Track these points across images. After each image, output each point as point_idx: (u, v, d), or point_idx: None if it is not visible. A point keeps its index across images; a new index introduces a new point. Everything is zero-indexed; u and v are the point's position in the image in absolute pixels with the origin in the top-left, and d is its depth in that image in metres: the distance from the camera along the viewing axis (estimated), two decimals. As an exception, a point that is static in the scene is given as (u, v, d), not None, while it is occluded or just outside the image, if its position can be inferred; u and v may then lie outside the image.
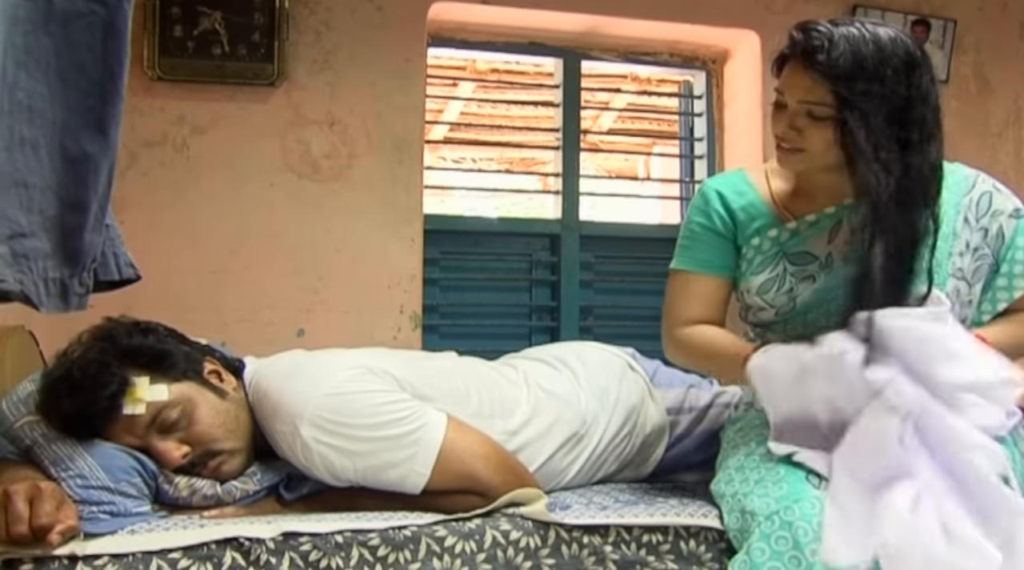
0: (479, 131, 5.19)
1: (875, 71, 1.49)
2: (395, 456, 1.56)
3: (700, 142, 3.66)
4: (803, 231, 1.67)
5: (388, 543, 1.45)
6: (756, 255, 1.69)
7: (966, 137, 3.55)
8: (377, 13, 3.08)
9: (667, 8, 3.35)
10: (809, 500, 1.38)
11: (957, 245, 1.63)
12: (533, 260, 3.36)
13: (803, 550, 1.33)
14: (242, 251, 2.94)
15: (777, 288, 1.66)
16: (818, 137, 1.56)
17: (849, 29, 1.53)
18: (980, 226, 1.65)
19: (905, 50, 1.53)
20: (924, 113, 1.54)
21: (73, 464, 1.46)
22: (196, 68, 2.90)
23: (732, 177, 1.78)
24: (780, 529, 1.36)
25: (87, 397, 1.51)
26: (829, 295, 1.63)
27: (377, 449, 1.55)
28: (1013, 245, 1.65)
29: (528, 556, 1.49)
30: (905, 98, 1.51)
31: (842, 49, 1.50)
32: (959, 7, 3.59)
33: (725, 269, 1.73)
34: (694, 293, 1.74)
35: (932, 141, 1.55)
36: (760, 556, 1.36)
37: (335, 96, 3.04)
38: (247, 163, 2.97)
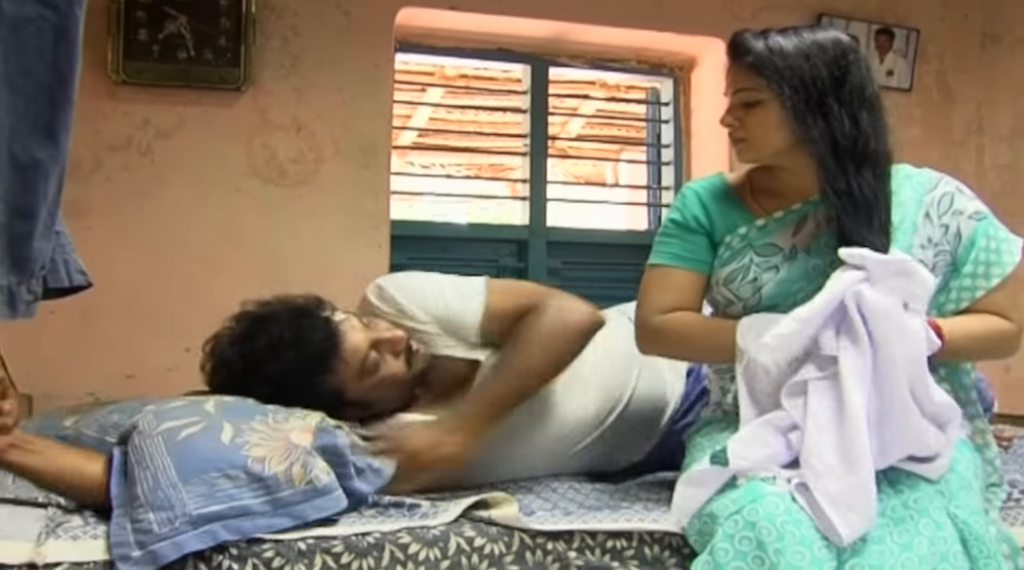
0: (448, 137, 5.19)
1: (797, 53, 1.61)
2: (450, 286, 1.87)
3: (667, 148, 3.68)
4: (770, 225, 1.70)
5: (351, 550, 1.44)
6: (726, 250, 1.73)
7: (929, 145, 3.60)
8: (344, 18, 3.08)
9: (634, 15, 3.38)
10: (770, 498, 1.39)
11: (917, 238, 1.67)
12: (500, 266, 3.37)
13: (767, 549, 1.34)
14: (208, 256, 2.92)
15: (742, 277, 1.69)
16: (752, 122, 1.65)
17: (776, 32, 1.65)
18: (941, 223, 1.69)
19: (829, 37, 1.64)
20: (857, 87, 1.62)
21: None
22: (161, 72, 2.89)
23: (711, 179, 1.83)
24: (743, 529, 1.37)
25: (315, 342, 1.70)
26: (793, 286, 1.65)
27: (434, 280, 1.89)
28: (975, 247, 1.68)
29: (492, 562, 1.48)
30: (835, 77, 1.61)
31: (766, 43, 1.63)
32: (922, 17, 3.64)
33: (700, 264, 1.76)
34: (669, 285, 1.76)
35: (873, 122, 1.63)
36: (724, 556, 1.37)
37: (302, 101, 3.03)
38: (213, 168, 2.95)
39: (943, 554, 1.37)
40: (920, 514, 1.42)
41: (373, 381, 1.76)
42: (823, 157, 1.60)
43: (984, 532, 1.43)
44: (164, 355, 2.84)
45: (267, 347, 1.71)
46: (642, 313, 1.78)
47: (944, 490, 1.47)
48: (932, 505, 1.44)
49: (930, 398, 1.49)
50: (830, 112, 1.60)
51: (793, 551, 1.33)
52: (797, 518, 1.37)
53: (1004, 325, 1.69)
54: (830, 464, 1.40)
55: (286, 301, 1.82)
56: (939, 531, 1.40)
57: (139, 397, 2.39)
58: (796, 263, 1.66)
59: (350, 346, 1.73)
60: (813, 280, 1.63)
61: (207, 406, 1.59)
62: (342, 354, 1.72)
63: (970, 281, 1.68)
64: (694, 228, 1.76)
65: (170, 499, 1.39)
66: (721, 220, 1.75)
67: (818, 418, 1.45)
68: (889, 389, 1.45)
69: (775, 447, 1.47)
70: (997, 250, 1.68)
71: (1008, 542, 1.52)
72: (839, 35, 1.67)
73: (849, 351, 1.46)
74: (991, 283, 1.67)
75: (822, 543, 1.35)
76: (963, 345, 1.61)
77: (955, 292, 1.69)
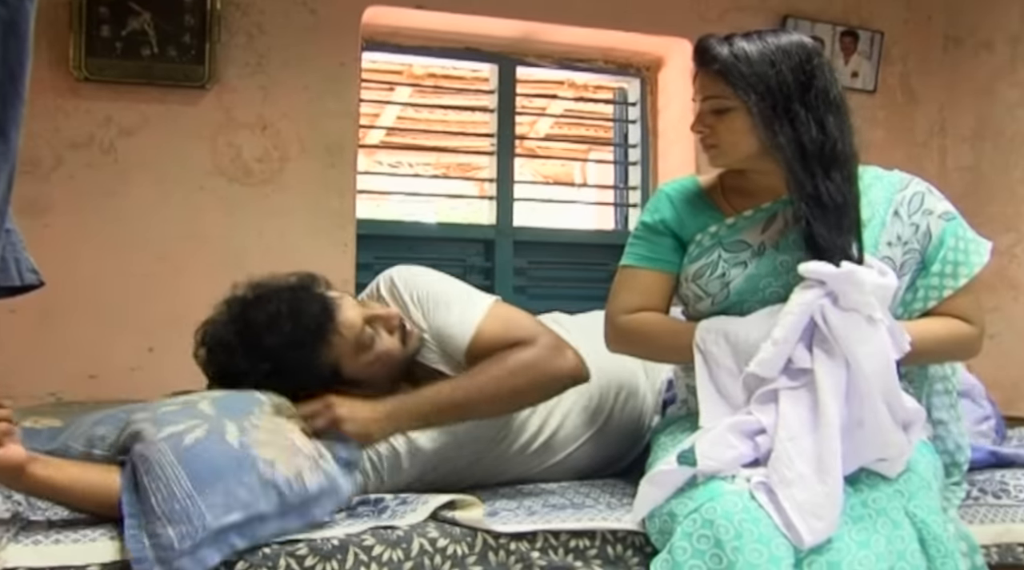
0: (416, 136, 5.17)
1: (763, 59, 1.62)
2: (456, 300, 1.85)
3: (634, 148, 3.69)
4: (740, 223, 1.72)
5: (316, 553, 1.44)
6: (696, 248, 1.75)
7: (893, 146, 3.63)
8: (311, 16, 3.06)
9: (602, 16, 3.38)
10: (728, 497, 1.40)
11: (885, 235, 1.69)
12: (467, 265, 3.36)
13: (724, 548, 1.35)
14: (171, 255, 2.89)
15: (710, 273, 1.70)
16: (722, 129, 1.67)
17: (740, 37, 1.66)
18: (911, 222, 1.71)
19: (794, 42, 1.66)
20: (822, 91, 1.63)
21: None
22: (124, 69, 2.85)
23: (684, 181, 1.85)
24: (701, 527, 1.38)
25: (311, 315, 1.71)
26: (761, 282, 1.67)
27: (444, 289, 1.88)
28: (943, 246, 1.70)
29: (455, 563, 1.49)
30: (801, 82, 1.62)
31: (731, 49, 1.64)
32: (886, 20, 3.68)
33: (668, 265, 1.78)
34: (637, 285, 1.79)
35: (840, 125, 1.64)
36: (682, 555, 1.38)
37: (267, 99, 3.01)
38: (177, 166, 2.93)
39: (900, 552, 1.39)
40: (879, 513, 1.44)
41: (369, 357, 1.76)
42: (790, 162, 1.61)
43: (942, 531, 1.45)
44: (127, 355, 2.82)
45: (265, 321, 1.71)
46: (609, 312, 1.81)
47: (903, 490, 1.49)
48: (891, 504, 1.46)
49: (903, 406, 1.51)
50: (796, 117, 1.61)
51: (751, 549, 1.34)
52: (755, 516, 1.38)
53: (966, 329, 1.71)
54: (801, 473, 1.41)
55: (279, 279, 1.83)
56: (897, 530, 1.42)
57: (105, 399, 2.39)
58: (764, 259, 1.68)
59: (346, 319, 1.74)
60: (780, 276, 1.65)
61: (202, 406, 1.57)
62: (338, 327, 1.73)
63: (938, 280, 1.71)
64: (662, 230, 1.78)
65: (188, 512, 1.36)
66: (692, 221, 1.77)
67: (791, 425, 1.46)
68: (859, 402, 1.47)
69: (741, 449, 1.48)
70: (965, 250, 1.71)
71: (966, 540, 1.55)
72: (803, 39, 1.68)
73: (824, 363, 1.49)
74: (959, 283, 1.69)
75: (780, 541, 1.36)
76: (926, 348, 1.64)
77: (923, 291, 1.72)
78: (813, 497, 1.39)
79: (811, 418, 1.46)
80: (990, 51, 3.54)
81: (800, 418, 1.47)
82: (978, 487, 1.85)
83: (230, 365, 1.72)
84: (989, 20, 3.55)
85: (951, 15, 3.74)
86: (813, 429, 1.45)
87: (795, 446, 1.44)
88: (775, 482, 1.41)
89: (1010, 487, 1.86)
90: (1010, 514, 1.81)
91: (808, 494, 1.39)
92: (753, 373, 1.52)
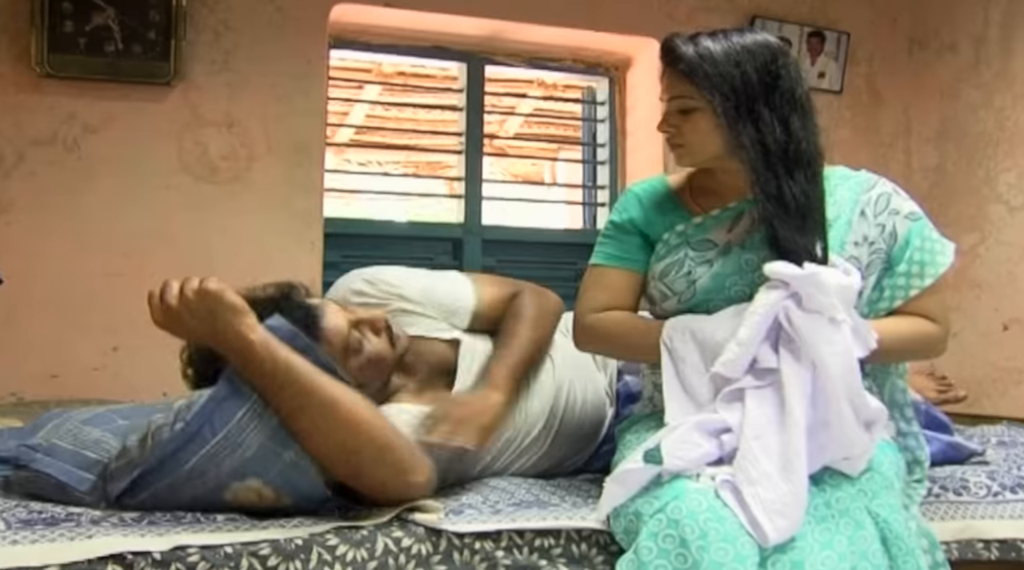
0: (385, 134, 5.16)
1: (728, 59, 1.62)
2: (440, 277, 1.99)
3: (603, 148, 3.70)
4: (707, 223, 1.73)
5: (279, 553, 1.43)
6: (663, 247, 1.76)
7: (859, 146, 3.67)
8: (277, 14, 3.04)
9: (570, 15, 3.39)
10: (692, 496, 1.41)
11: (852, 235, 1.70)
12: (435, 264, 3.35)
13: (689, 547, 1.35)
14: (135, 254, 2.87)
15: (676, 271, 1.71)
16: (689, 128, 1.67)
17: (706, 36, 1.66)
18: (878, 222, 1.72)
19: (759, 41, 1.66)
20: (787, 91, 1.64)
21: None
22: (88, 65, 2.82)
23: (653, 181, 1.86)
24: (667, 527, 1.38)
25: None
26: (727, 280, 1.68)
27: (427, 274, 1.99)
28: (909, 246, 1.72)
29: (420, 563, 1.48)
30: (766, 82, 1.62)
31: (698, 47, 1.64)
32: (852, 21, 3.71)
33: (636, 264, 1.79)
34: (604, 284, 1.80)
35: (804, 124, 1.65)
36: (647, 554, 1.38)
37: (234, 97, 2.99)
38: (142, 164, 2.90)
39: (863, 552, 1.40)
40: (841, 514, 1.45)
41: (360, 361, 1.73)
42: (753, 163, 1.61)
43: (903, 530, 1.46)
44: (90, 354, 2.79)
45: None
46: (577, 311, 1.82)
47: (866, 489, 1.50)
48: (854, 504, 1.47)
49: (867, 405, 1.52)
50: (760, 118, 1.61)
51: (717, 548, 1.34)
52: (720, 515, 1.38)
53: (931, 328, 1.73)
54: (766, 472, 1.42)
55: (258, 289, 1.77)
56: (859, 530, 1.43)
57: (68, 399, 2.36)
58: (730, 257, 1.69)
59: (331, 325, 1.71)
60: (746, 274, 1.66)
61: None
62: (325, 335, 1.70)
63: (904, 280, 1.72)
64: (630, 229, 1.79)
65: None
66: (659, 221, 1.77)
67: (757, 424, 1.47)
68: (824, 402, 1.48)
69: (706, 447, 1.49)
70: (931, 251, 1.73)
71: (927, 537, 1.56)
72: (769, 38, 1.68)
73: (789, 363, 1.49)
74: (924, 283, 1.71)
75: (745, 540, 1.36)
76: (892, 347, 1.65)
77: (888, 291, 1.73)
78: (778, 496, 1.39)
79: (777, 417, 1.47)
80: (954, 53, 3.58)
81: (766, 417, 1.47)
82: (939, 484, 1.87)
83: (214, 378, 1.64)
84: (953, 23, 3.59)
85: (916, 17, 3.78)
86: (779, 429, 1.46)
87: (760, 445, 1.45)
88: (740, 481, 1.42)
89: (970, 484, 1.88)
90: (970, 511, 1.83)
91: (773, 493, 1.39)
92: (718, 373, 1.53)
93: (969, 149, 3.47)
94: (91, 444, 1.61)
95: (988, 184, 3.37)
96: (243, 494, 1.54)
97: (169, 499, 1.55)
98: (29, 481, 1.61)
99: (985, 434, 2.51)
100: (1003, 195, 3.30)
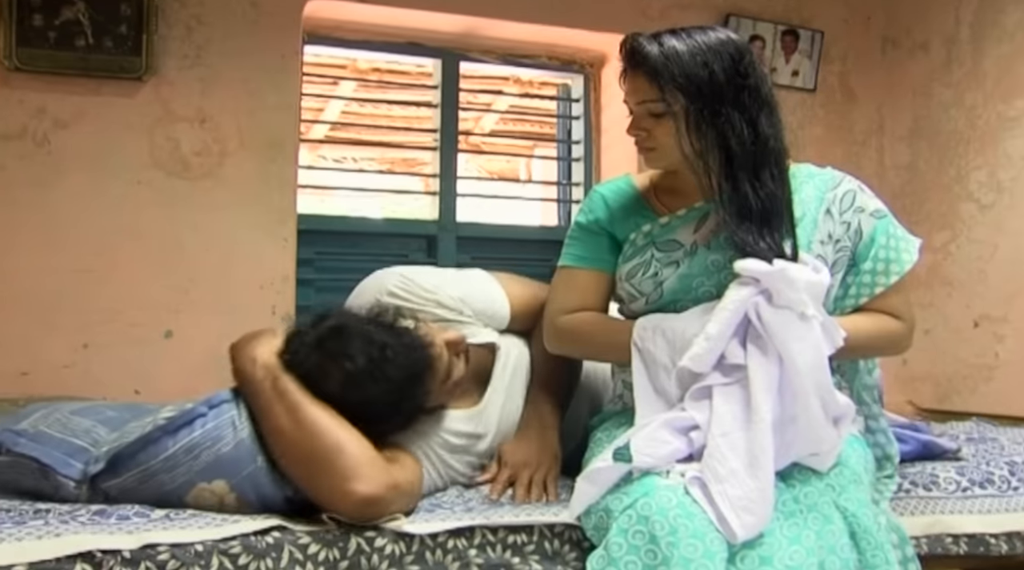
0: (360, 131, 5.14)
1: (695, 60, 1.60)
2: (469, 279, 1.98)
3: (577, 145, 3.70)
4: (673, 223, 1.73)
5: (250, 551, 1.42)
6: (630, 247, 1.76)
7: (832, 144, 3.69)
8: (251, 9, 3.02)
9: (545, 11, 3.38)
10: (662, 493, 1.41)
11: (818, 234, 1.71)
12: (410, 261, 3.33)
13: (659, 543, 1.36)
14: (107, 250, 2.84)
15: (643, 273, 1.72)
16: (660, 132, 1.66)
17: (670, 36, 1.65)
18: (843, 220, 1.73)
19: (723, 39, 1.65)
20: (755, 90, 1.63)
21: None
22: (58, 59, 2.79)
23: (618, 182, 1.86)
24: (636, 523, 1.39)
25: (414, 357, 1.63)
26: (694, 281, 1.69)
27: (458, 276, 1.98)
28: (875, 244, 1.73)
29: (393, 563, 1.48)
30: (735, 83, 1.61)
31: (664, 49, 1.62)
32: (826, 19, 3.73)
33: (604, 264, 1.80)
34: (574, 286, 1.81)
35: (771, 123, 1.65)
36: (617, 550, 1.38)
37: (206, 92, 2.96)
38: (113, 159, 2.87)
39: (831, 547, 1.41)
40: (810, 509, 1.46)
41: (449, 386, 1.72)
42: (716, 169, 1.62)
43: (872, 524, 1.47)
44: (60, 352, 2.76)
45: (368, 365, 1.59)
46: (548, 313, 1.83)
47: (834, 484, 1.51)
48: (822, 499, 1.47)
49: (835, 401, 1.53)
50: (727, 120, 1.60)
51: (686, 544, 1.35)
52: (689, 511, 1.39)
53: (896, 325, 1.75)
54: (733, 469, 1.42)
55: (355, 311, 1.73)
56: (827, 525, 1.44)
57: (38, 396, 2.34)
58: (696, 258, 1.69)
59: (438, 355, 1.68)
60: (712, 275, 1.66)
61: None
62: (434, 368, 1.67)
63: (869, 278, 1.73)
64: (597, 230, 1.80)
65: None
66: (626, 221, 1.78)
67: (723, 422, 1.47)
68: (792, 398, 1.49)
69: (675, 444, 1.49)
70: (896, 249, 1.74)
71: (896, 531, 1.57)
72: (731, 35, 1.67)
73: (757, 360, 1.50)
74: (890, 280, 1.72)
75: (714, 536, 1.37)
76: (858, 344, 1.66)
77: (854, 288, 1.74)
78: (745, 493, 1.40)
79: (744, 414, 1.47)
80: (926, 52, 3.60)
81: (733, 414, 1.48)
82: (909, 480, 1.89)
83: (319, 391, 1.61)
84: (925, 22, 3.62)
85: (889, 16, 3.81)
86: (746, 425, 1.46)
87: (727, 442, 1.45)
88: (708, 478, 1.42)
89: (940, 479, 1.90)
90: (940, 506, 1.85)
91: (740, 490, 1.40)
92: (686, 368, 1.53)
93: (941, 147, 3.50)
94: (81, 433, 1.63)
95: (959, 182, 3.39)
96: (205, 497, 1.55)
97: (135, 490, 1.56)
98: (8, 467, 1.61)
99: (956, 430, 2.54)
100: (974, 193, 3.33)
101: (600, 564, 1.39)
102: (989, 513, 1.86)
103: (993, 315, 3.21)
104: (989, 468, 1.96)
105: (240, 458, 1.56)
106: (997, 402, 3.14)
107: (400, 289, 1.86)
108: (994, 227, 3.24)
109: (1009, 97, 3.22)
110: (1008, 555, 1.84)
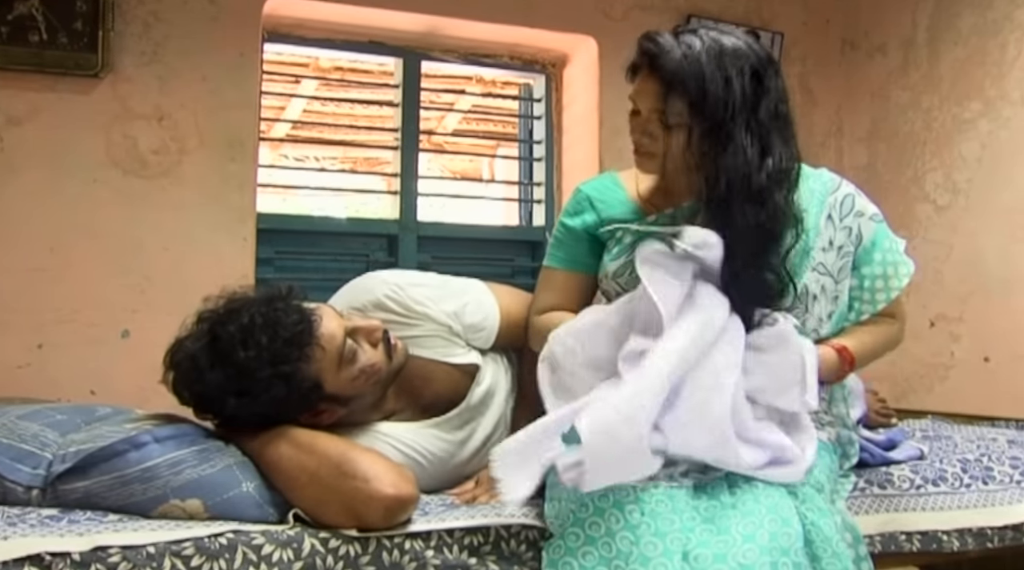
0: (322, 129, 5.11)
1: (715, 76, 1.54)
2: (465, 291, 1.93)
3: (539, 145, 3.70)
4: (660, 222, 1.73)
5: (203, 552, 1.41)
6: (615, 245, 1.76)
7: (791, 146, 3.71)
8: (210, 5, 2.99)
9: (507, 11, 3.38)
10: (622, 488, 1.42)
11: (819, 241, 1.72)
12: (371, 260, 3.32)
13: (614, 537, 1.36)
14: (62, 249, 2.79)
15: (630, 272, 1.71)
16: (672, 142, 1.61)
17: (692, 39, 1.58)
18: (844, 225, 1.75)
19: (749, 55, 1.59)
20: (771, 110, 1.59)
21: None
22: (10, 56, 2.74)
23: (603, 179, 1.86)
24: (593, 515, 1.40)
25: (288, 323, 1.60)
26: None
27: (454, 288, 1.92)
28: (875, 249, 1.76)
29: (348, 564, 1.47)
30: (751, 102, 1.57)
31: (686, 57, 1.56)
32: (786, 21, 3.76)
33: (584, 266, 1.81)
34: (553, 286, 1.83)
35: (784, 140, 1.61)
36: (574, 541, 1.39)
37: (164, 90, 2.93)
38: (68, 157, 2.82)
39: (784, 549, 1.40)
40: (769, 510, 1.46)
41: (352, 372, 1.68)
42: (711, 194, 1.58)
43: (832, 533, 1.46)
44: (14, 352, 2.72)
45: (238, 333, 1.59)
46: (530, 312, 1.86)
47: (796, 491, 1.51)
48: (783, 502, 1.47)
49: (750, 429, 1.51)
50: (737, 142, 1.55)
51: (646, 542, 1.35)
52: (653, 510, 1.39)
53: (894, 328, 1.80)
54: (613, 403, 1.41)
55: (253, 290, 1.73)
56: (784, 527, 1.44)
57: None
58: None
59: (327, 331, 1.65)
60: None
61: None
62: (319, 340, 1.63)
63: (870, 295, 1.78)
64: (580, 235, 1.80)
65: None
66: (610, 219, 1.78)
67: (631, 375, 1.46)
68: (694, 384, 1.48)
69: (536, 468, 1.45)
70: (895, 263, 1.77)
71: (852, 531, 1.58)
72: (760, 50, 1.62)
73: (683, 329, 1.48)
74: (891, 295, 1.77)
75: (675, 535, 1.38)
76: (863, 360, 1.72)
77: (858, 304, 1.78)
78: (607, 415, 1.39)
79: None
80: (884, 55, 3.64)
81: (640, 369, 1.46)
82: (864, 478, 1.90)
83: (199, 383, 1.60)
84: (883, 25, 3.66)
85: (848, 19, 3.84)
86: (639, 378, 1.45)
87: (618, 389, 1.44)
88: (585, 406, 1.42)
89: (895, 477, 1.92)
90: (894, 504, 1.87)
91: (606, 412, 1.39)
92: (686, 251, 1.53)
93: (898, 149, 3.54)
94: (29, 438, 1.60)
95: (916, 183, 3.43)
96: (175, 513, 1.53)
97: (99, 495, 1.53)
98: None
99: (912, 427, 2.57)
100: (930, 194, 3.37)
101: (556, 553, 1.40)
102: (942, 510, 1.88)
103: (949, 315, 3.26)
104: (942, 466, 1.98)
105: (225, 482, 1.53)
106: (952, 400, 3.18)
107: (389, 300, 1.82)
108: (949, 228, 3.29)
109: (964, 99, 3.26)
110: (960, 551, 1.87)
